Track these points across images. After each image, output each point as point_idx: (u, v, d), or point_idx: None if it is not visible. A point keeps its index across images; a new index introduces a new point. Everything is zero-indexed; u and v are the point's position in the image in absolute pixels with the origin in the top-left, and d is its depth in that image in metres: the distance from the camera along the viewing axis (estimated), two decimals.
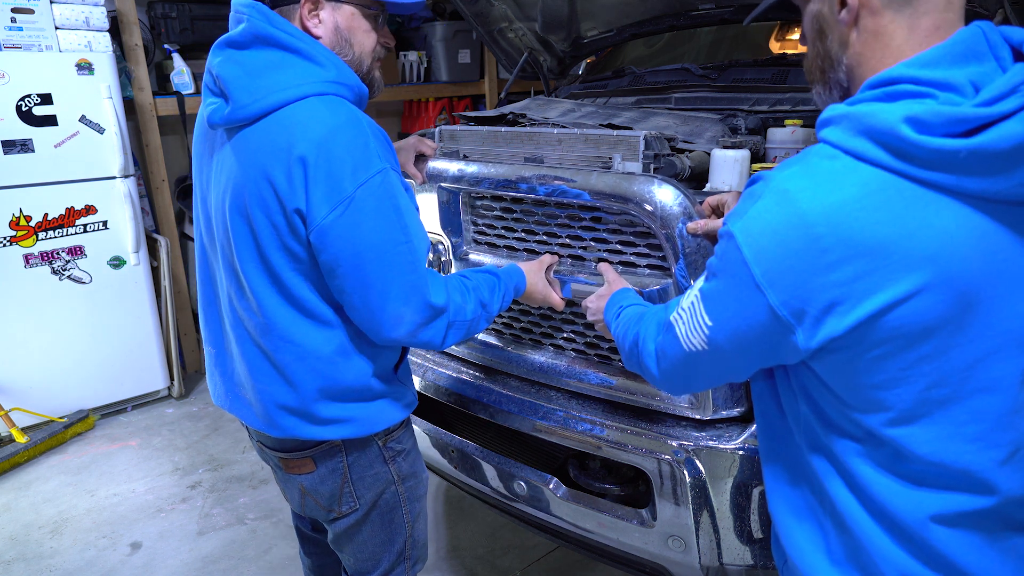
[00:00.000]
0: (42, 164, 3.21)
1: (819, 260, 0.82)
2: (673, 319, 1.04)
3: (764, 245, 0.86)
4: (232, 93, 1.20)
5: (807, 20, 0.98)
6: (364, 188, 1.17)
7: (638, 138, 1.60)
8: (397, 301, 1.23)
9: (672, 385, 1.11)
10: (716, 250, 0.95)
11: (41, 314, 3.30)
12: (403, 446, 1.49)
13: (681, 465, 1.46)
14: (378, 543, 1.50)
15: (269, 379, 1.33)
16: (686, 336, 1.00)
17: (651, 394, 1.56)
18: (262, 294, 1.27)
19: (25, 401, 3.29)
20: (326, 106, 1.19)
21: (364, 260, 1.20)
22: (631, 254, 1.56)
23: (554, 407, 1.67)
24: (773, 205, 0.87)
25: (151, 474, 3.05)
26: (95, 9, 3.29)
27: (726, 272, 0.92)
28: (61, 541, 2.61)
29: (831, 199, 0.82)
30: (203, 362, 4.10)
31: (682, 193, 1.45)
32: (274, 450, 1.44)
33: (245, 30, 1.21)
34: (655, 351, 1.10)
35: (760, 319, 0.88)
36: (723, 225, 0.94)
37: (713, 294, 0.95)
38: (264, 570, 2.43)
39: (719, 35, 2.89)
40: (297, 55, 1.21)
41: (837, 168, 0.84)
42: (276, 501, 2.83)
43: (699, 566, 1.51)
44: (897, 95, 0.83)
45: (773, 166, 1.78)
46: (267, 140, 1.19)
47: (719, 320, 0.94)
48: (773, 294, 0.86)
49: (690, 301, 1.00)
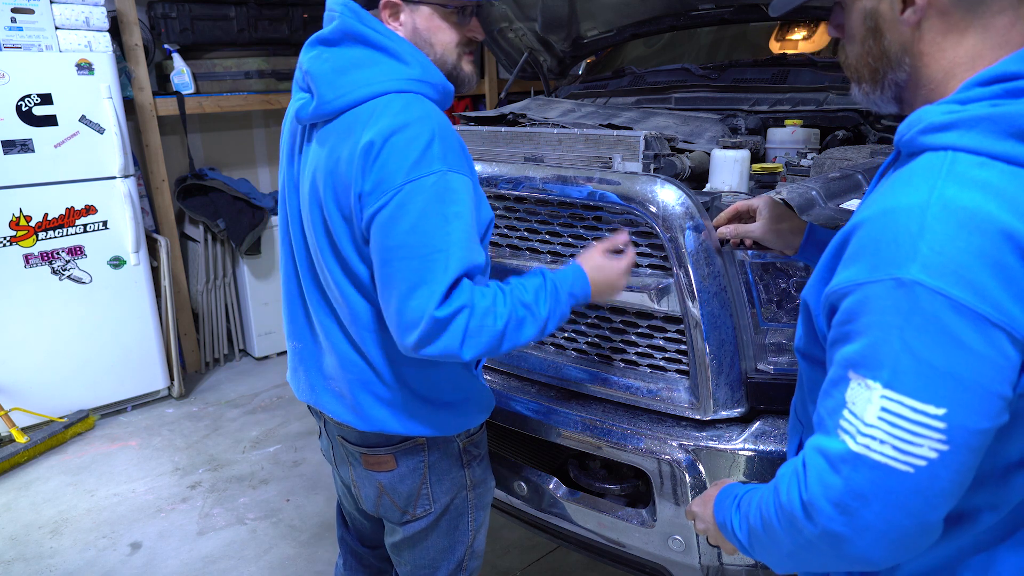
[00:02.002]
0: (42, 164, 3.21)
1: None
2: (858, 449, 0.76)
3: (979, 277, 0.71)
4: (318, 89, 1.23)
5: (856, 16, 0.91)
6: (414, 184, 1.15)
7: (638, 138, 1.60)
8: (406, 303, 1.16)
9: (872, 530, 0.78)
10: (863, 302, 0.77)
11: (41, 314, 3.30)
12: (480, 451, 1.49)
13: (681, 465, 1.46)
14: (439, 550, 1.47)
15: (359, 370, 1.33)
16: (902, 455, 0.74)
17: (651, 394, 1.56)
18: (344, 288, 1.28)
19: (25, 401, 3.29)
20: (401, 102, 1.20)
21: (393, 257, 1.16)
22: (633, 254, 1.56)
23: (554, 407, 1.67)
24: (955, 229, 0.73)
25: (151, 474, 3.05)
26: (95, 9, 3.29)
27: (928, 333, 0.73)
28: (61, 541, 2.61)
29: (1010, 195, 0.73)
30: (202, 362, 4.13)
31: (684, 193, 1.45)
32: (357, 445, 1.42)
33: (336, 27, 1.24)
34: (834, 506, 0.78)
35: (1006, 362, 0.72)
36: (854, 281, 0.78)
37: (919, 374, 0.73)
38: (264, 570, 2.43)
39: (719, 35, 2.90)
40: (383, 53, 1.24)
41: (997, 174, 0.75)
42: (276, 501, 2.83)
43: (699, 566, 1.51)
44: (1021, 91, 0.77)
45: (774, 167, 1.79)
46: (344, 133, 1.21)
47: (954, 397, 0.72)
48: (1013, 326, 0.71)
49: (875, 412, 0.75)
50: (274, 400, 3.74)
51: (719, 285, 1.45)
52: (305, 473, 3.03)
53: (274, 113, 4.57)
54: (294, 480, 2.98)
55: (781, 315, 1.45)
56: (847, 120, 1.92)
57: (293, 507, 2.78)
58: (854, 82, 0.96)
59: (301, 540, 2.58)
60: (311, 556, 2.49)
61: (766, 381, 1.47)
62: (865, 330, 0.77)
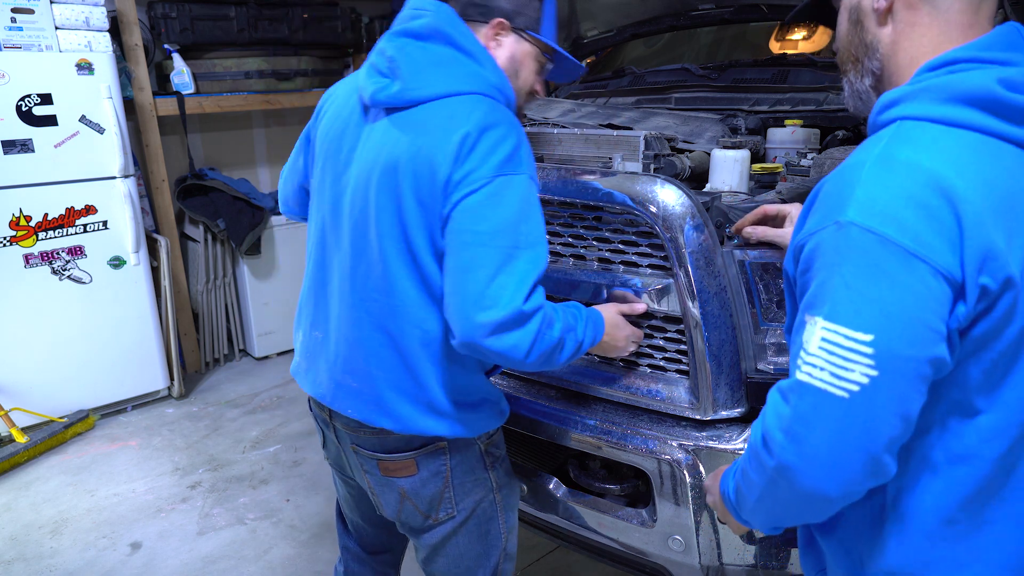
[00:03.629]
0: (42, 164, 3.21)
1: (967, 216, 0.80)
2: (801, 377, 0.85)
3: (901, 215, 0.81)
4: (404, 75, 1.26)
5: (843, 12, 1.04)
6: (506, 179, 1.21)
7: (638, 138, 1.60)
8: (488, 287, 1.17)
9: (819, 458, 0.84)
10: (814, 250, 0.87)
11: (41, 314, 3.30)
12: (501, 452, 1.49)
13: (681, 465, 1.46)
14: (474, 556, 1.46)
15: (390, 365, 1.31)
16: (837, 380, 0.82)
17: (651, 394, 1.56)
18: (397, 275, 1.27)
19: (25, 401, 3.29)
20: (488, 104, 1.26)
21: (480, 242, 1.19)
22: (633, 254, 1.56)
23: (554, 407, 1.67)
24: (889, 175, 0.83)
25: (151, 474, 3.05)
26: (95, 9, 3.29)
27: (857, 269, 0.82)
28: (61, 541, 2.61)
29: (950, 156, 0.83)
30: (202, 362, 4.13)
31: (684, 193, 1.45)
32: (374, 451, 1.38)
33: (428, 24, 1.28)
34: (784, 433, 0.86)
35: (928, 291, 0.80)
36: (809, 231, 0.87)
37: (851, 304, 0.82)
38: (264, 570, 2.43)
39: (719, 35, 2.90)
40: (469, 57, 1.29)
41: (935, 134, 0.85)
42: (276, 501, 2.83)
43: (699, 566, 1.51)
44: (964, 71, 0.87)
45: (774, 167, 1.79)
46: (432, 122, 1.24)
47: (880, 324, 0.80)
48: (933, 258, 0.79)
49: (816, 343, 0.84)
50: (274, 400, 3.74)
51: (719, 285, 1.45)
52: (305, 473, 3.03)
53: (274, 113, 4.58)
54: (294, 480, 2.98)
55: (781, 315, 1.45)
56: (847, 120, 1.92)
57: (293, 507, 2.78)
58: (842, 72, 1.07)
59: (301, 540, 2.58)
60: (311, 556, 2.49)
61: (766, 381, 1.47)
62: (816, 273, 0.86)
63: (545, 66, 1.45)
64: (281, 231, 4.16)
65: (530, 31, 1.38)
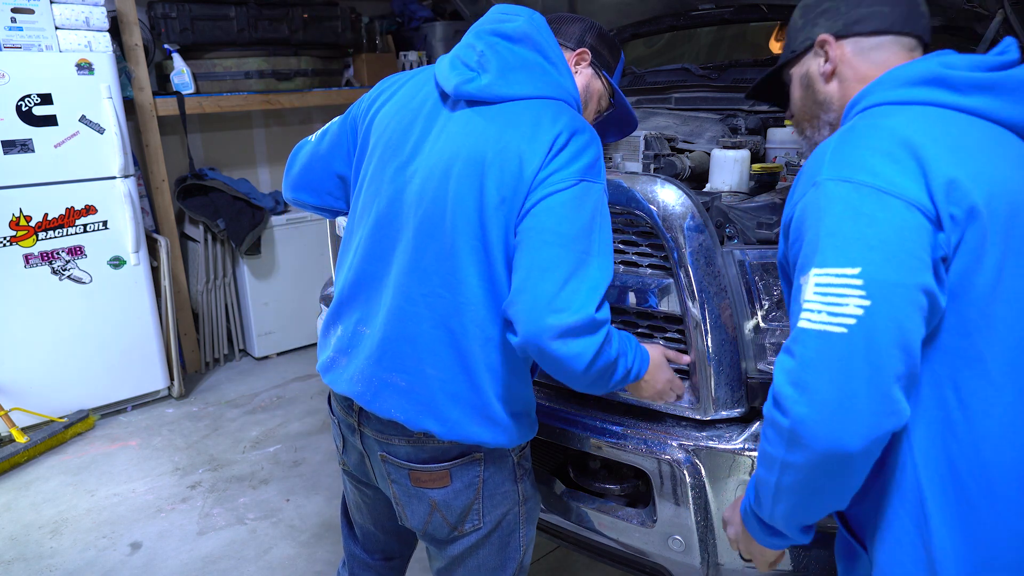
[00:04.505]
0: (42, 164, 3.21)
1: (927, 158, 0.90)
2: (801, 324, 0.89)
3: (869, 162, 0.91)
4: (495, 72, 1.27)
5: (796, 80, 1.23)
6: (589, 185, 1.21)
7: (638, 138, 1.60)
8: (561, 290, 1.14)
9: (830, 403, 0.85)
10: (800, 215, 0.96)
11: (41, 314, 3.30)
12: (529, 464, 1.46)
13: (681, 465, 1.46)
14: (491, 568, 1.43)
15: (446, 364, 1.27)
16: (834, 317, 0.86)
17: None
18: (467, 270, 1.24)
19: (25, 401, 3.29)
20: (572, 112, 1.30)
21: (558, 242, 1.17)
22: (633, 254, 1.57)
23: (554, 407, 1.67)
24: (855, 136, 0.96)
25: (151, 474, 3.05)
26: (95, 9, 3.29)
27: (837, 216, 0.90)
28: (61, 541, 2.61)
29: (907, 119, 0.96)
30: (202, 362, 4.13)
31: (684, 193, 1.45)
32: (407, 461, 1.34)
33: (520, 29, 1.31)
34: (793, 386, 0.88)
35: (904, 222, 0.87)
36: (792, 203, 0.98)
37: (836, 247, 0.88)
38: (264, 570, 2.43)
39: (719, 35, 2.90)
40: (555, 68, 1.32)
41: (893, 110, 0.99)
42: (276, 501, 2.83)
43: (699, 566, 1.51)
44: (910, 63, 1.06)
45: (774, 166, 1.79)
46: (521, 118, 1.24)
47: (864, 256, 0.86)
48: (904, 194, 0.88)
49: (811, 291, 0.89)
50: (274, 400, 3.75)
51: (719, 285, 1.45)
52: (305, 473, 3.03)
53: (274, 113, 4.58)
54: (294, 480, 2.98)
55: (781, 315, 1.45)
56: None
57: (293, 507, 2.78)
58: (800, 133, 1.25)
59: (301, 540, 2.58)
60: (311, 556, 2.49)
61: (766, 381, 1.47)
62: (804, 235, 0.94)
63: (605, 111, 1.50)
64: (281, 231, 4.17)
65: (605, 72, 1.45)
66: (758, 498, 1.03)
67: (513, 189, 1.20)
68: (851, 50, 1.13)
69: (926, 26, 1.15)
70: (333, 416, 1.49)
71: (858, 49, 1.13)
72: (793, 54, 1.24)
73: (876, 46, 1.12)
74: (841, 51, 1.14)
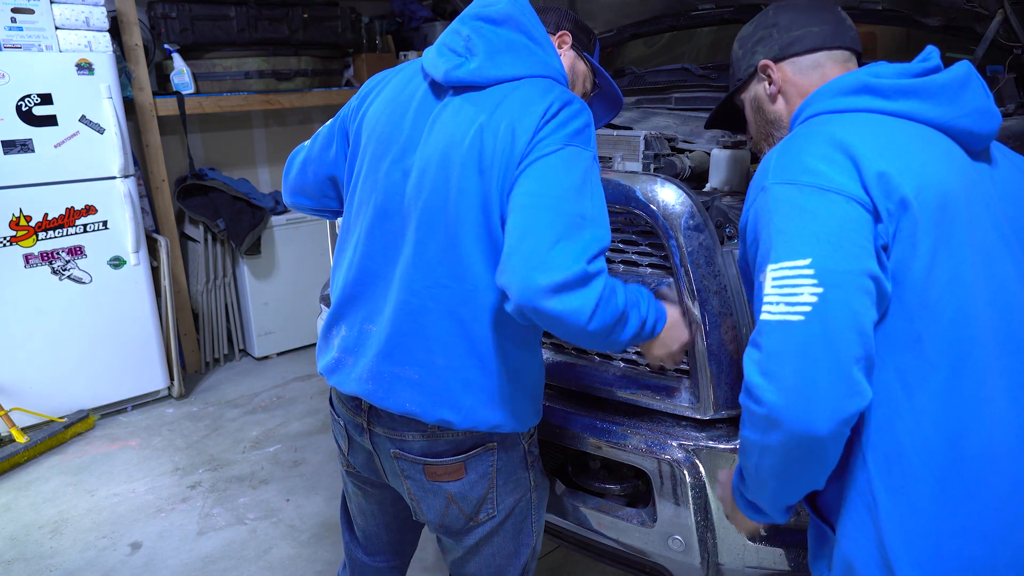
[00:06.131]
0: (42, 164, 3.20)
1: (860, 156, 0.98)
2: (763, 317, 0.96)
3: (808, 165, 1.00)
4: (483, 55, 1.28)
5: (748, 104, 1.35)
6: (578, 150, 1.22)
7: (638, 138, 1.61)
8: (551, 249, 1.11)
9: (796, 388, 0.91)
10: (754, 219, 1.04)
11: (41, 314, 3.30)
12: (537, 451, 1.47)
13: (681, 465, 1.46)
14: (506, 555, 1.44)
15: (457, 352, 1.26)
16: (791, 307, 0.92)
17: (651, 394, 1.56)
18: (473, 258, 1.23)
19: (25, 401, 3.29)
20: (561, 87, 1.31)
21: (548, 205, 1.15)
22: (633, 253, 1.57)
23: (554, 406, 1.67)
24: (794, 144, 1.05)
25: (151, 474, 3.05)
26: (95, 9, 3.29)
27: (784, 215, 0.98)
28: (61, 541, 2.61)
29: (841, 124, 1.06)
30: (202, 362, 4.13)
31: (684, 193, 1.45)
32: (421, 455, 1.34)
33: (503, 11, 1.31)
34: (761, 375, 0.94)
35: (846, 215, 0.96)
36: (744, 209, 1.05)
37: (787, 243, 0.96)
38: (264, 570, 2.43)
39: (719, 35, 2.90)
40: (540, 47, 1.34)
41: (828, 118, 1.09)
42: (276, 501, 2.83)
43: (699, 566, 1.51)
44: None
45: None
46: (511, 98, 1.25)
47: (813, 247, 0.94)
48: (842, 190, 0.96)
49: (769, 286, 0.96)
50: (274, 400, 3.75)
51: (719, 285, 1.45)
52: (305, 473, 3.03)
53: (274, 113, 4.58)
54: (294, 480, 2.98)
55: None
56: None
57: (293, 507, 2.78)
58: (758, 150, 1.35)
59: (301, 540, 2.58)
60: (311, 556, 2.49)
61: None
62: (759, 236, 1.02)
63: (589, 93, 1.53)
64: (281, 231, 4.17)
65: (587, 54, 1.48)
66: (744, 481, 1.10)
67: (506, 163, 1.21)
68: (791, 70, 1.25)
69: (855, 38, 1.26)
70: (337, 417, 1.49)
71: (796, 68, 1.24)
72: (740, 82, 1.35)
73: (812, 63, 1.23)
74: (782, 73, 1.25)
